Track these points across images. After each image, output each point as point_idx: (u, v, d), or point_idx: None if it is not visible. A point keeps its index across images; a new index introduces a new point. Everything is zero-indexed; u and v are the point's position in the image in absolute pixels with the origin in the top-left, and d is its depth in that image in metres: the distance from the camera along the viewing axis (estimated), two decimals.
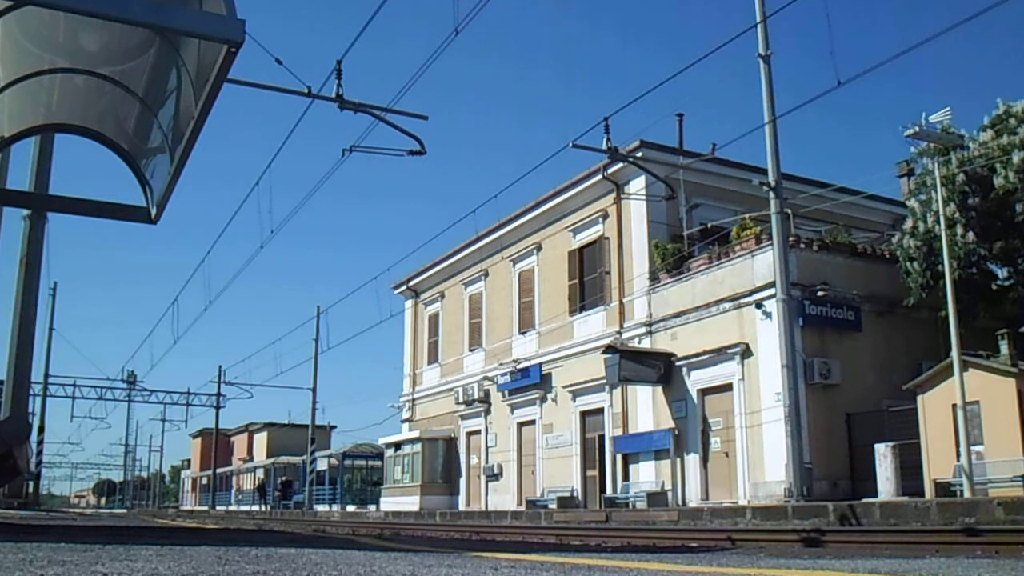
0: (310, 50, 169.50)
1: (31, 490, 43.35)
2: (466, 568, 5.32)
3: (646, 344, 23.18)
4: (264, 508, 47.86)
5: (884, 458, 16.11)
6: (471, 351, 32.27)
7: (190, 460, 78.40)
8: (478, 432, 31.08)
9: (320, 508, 40.78)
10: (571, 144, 18.23)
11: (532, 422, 28.13)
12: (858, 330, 20.20)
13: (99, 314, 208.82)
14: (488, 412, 30.47)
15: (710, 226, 22.67)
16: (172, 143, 9.82)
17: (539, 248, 28.51)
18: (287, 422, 58.79)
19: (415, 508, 30.61)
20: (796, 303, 18.90)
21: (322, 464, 44.43)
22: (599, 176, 24.89)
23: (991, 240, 18.30)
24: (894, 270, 20.04)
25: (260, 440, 63.53)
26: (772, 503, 17.17)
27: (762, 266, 19.73)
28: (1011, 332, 16.22)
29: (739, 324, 20.48)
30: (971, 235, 18.09)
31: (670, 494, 21.58)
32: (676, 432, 21.90)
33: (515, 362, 28.69)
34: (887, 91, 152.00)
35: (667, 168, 22.90)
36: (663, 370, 22.11)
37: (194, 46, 7.85)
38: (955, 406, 15.07)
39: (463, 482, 31.78)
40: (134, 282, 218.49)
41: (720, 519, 15.98)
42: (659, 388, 22.54)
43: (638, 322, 23.65)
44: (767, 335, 19.31)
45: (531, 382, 27.75)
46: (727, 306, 20.85)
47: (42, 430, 41.75)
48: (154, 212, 11.61)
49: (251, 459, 62.46)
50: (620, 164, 23.15)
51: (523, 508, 25.88)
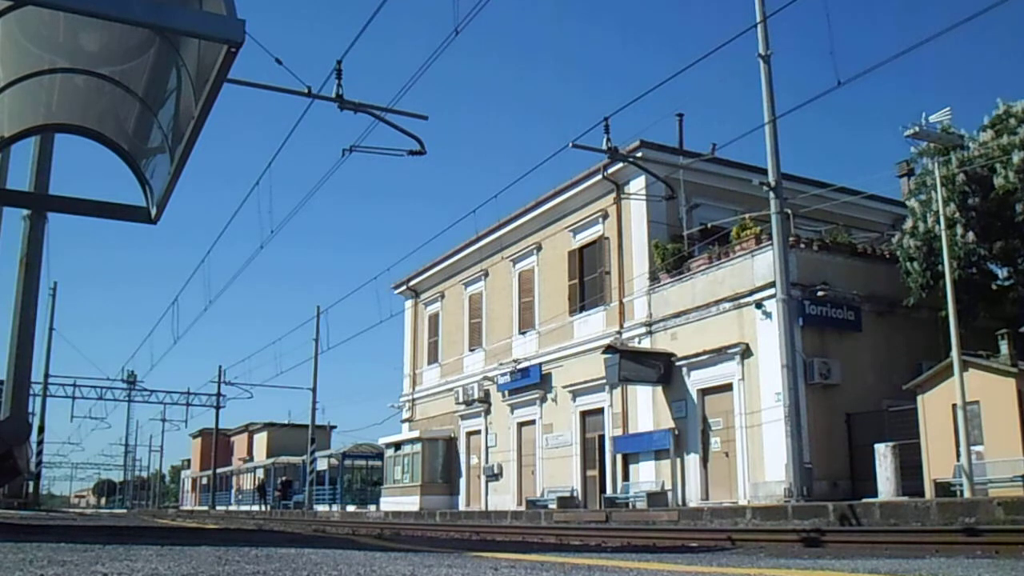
0: (310, 50, 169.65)
1: (31, 490, 43.34)
2: (466, 568, 5.32)
3: (646, 344, 23.19)
4: (264, 508, 47.86)
5: (884, 458, 16.11)
6: (471, 351, 32.27)
7: (190, 460, 78.42)
8: (478, 432, 31.08)
9: (320, 508, 40.78)
10: (571, 144, 18.24)
11: (532, 422, 28.13)
12: (858, 330, 20.21)
13: (99, 314, 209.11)
14: (488, 412, 30.48)
15: (710, 226, 22.67)
16: (172, 143, 9.82)
17: (539, 248, 28.52)
18: (287, 422, 58.84)
19: (415, 508, 30.61)
20: (796, 303, 18.91)
21: (322, 464, 44.43)
22: (599, 176, 24.90)
23: (991, 240, 18.30)
24: (894, 270, 20.04)
25: (260, 440, 63.53)
26: (772, 503, 17.18)
27: (762, 266, 19.73)
28: (1011, 332, 16.22)
29: (739, 324, 20.48)
30: (971, 235, 18.09)
31: (670, 494, 21.58)
32: (676, 432, 21.90)
33: (515, 362, 28.69)
34: (887, 91, 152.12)
35: (667, 168, 22.90)
36: (663, 370, 22.12)
37: (194, 46, 7.86)
38: (955, 406, 15.07)
39: (463, 482, 31.78)
40: (134, 282, 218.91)
41: (720, 519, 15.98)
42: (659, 388, 22.54)
43: (638, 322, 23.66)
44: (767, 335, 19.32)
45: (531, 382, 27.76)
46: (727, 306, 20.86)
47: (42, 430, 41.76)
48: (154, 212, 11.61)
49: (251, 459, 62.46)
50: (620, 164, 23.16)
51: (523, 508, 25.89)
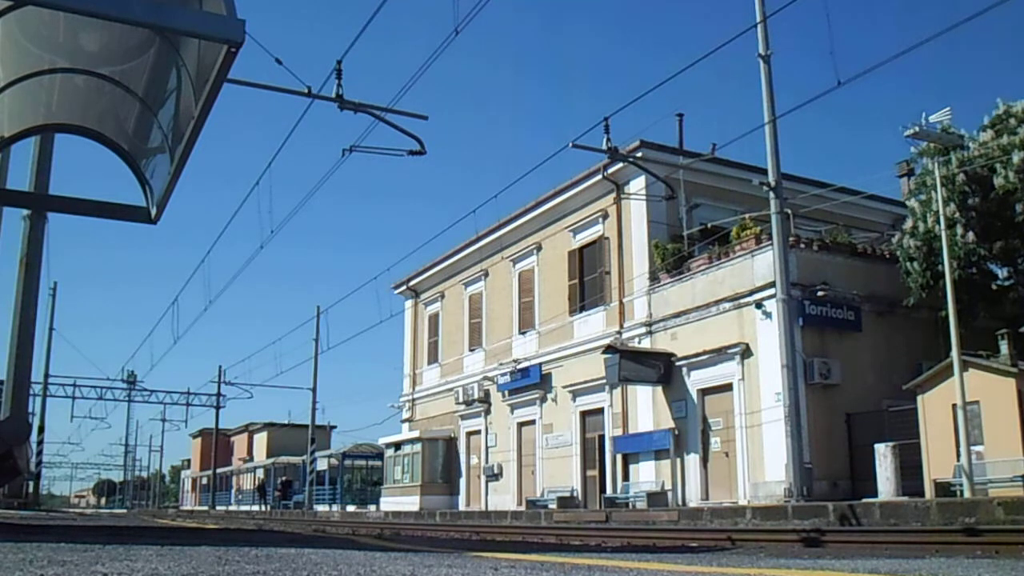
0: (310, 50, 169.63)
1: (31, 490, 43.35)
2: (466, 568, 5.32)
3: (646, 344, 23.18)
4: (264, 508, 47.86)
5: (884, 458, 16.11)
6: (471, 351, 32.27)
7: (190, 460, 78.42)
8: (478, 432, 31.08)
9: (320, 508, 40.78)
10: (571, 144, 18.25)
11: (532, 422, 28.13)
12: (858, 330, 20.20)
13: (99, 314, 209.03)
14: (488, 412, 30.47)
15: (710, 226, 22.67)
16: (172, 143, 9.82)
17: (539, 248, 28.52)
18: (287, 422, 58.84)
19: (415, 508, 30.61)
20: (796, 303, 18.91)
21: (322, 464, 44.43)
22: (599, 176, 24.89)
23: (991, 240, 18.30)
24: (894, 270, 20.04)
25: (260, 440, 63.53)
26: (772, 503, 17.18)
27: (762, 266, 19.73)
28: (1011, 332, 16.22)
29: (739, 324, 20.48)
30: (971, 235, 18.09)
31: (670, 494, 21.58)
32: (676, 432, 21.90)
33: (515, 362, 28.69)
34: (887, 91, 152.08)
35: (667, 168, 22.90)
36: (663, 370, 22.12)
37: (194, 46, 7.86)
38: (955, 406, 15.06)
39: (463, 482, 31.78)
40: (134, 282, 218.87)
41: (720, 519, 15.98)
42: (659, 388, 22.54)
43: (638, 322, 23.66)
44: (767, 335, 19.32)
45: (531, 382, 27.76)
46: (727, 306, 20.86)
47: (42, 430, 41.76)
48: (154, 212, 11.61)
49: (251, 459, 62.45)
50: (620, 164, 23.15)
51: (523, 508, 25.88)
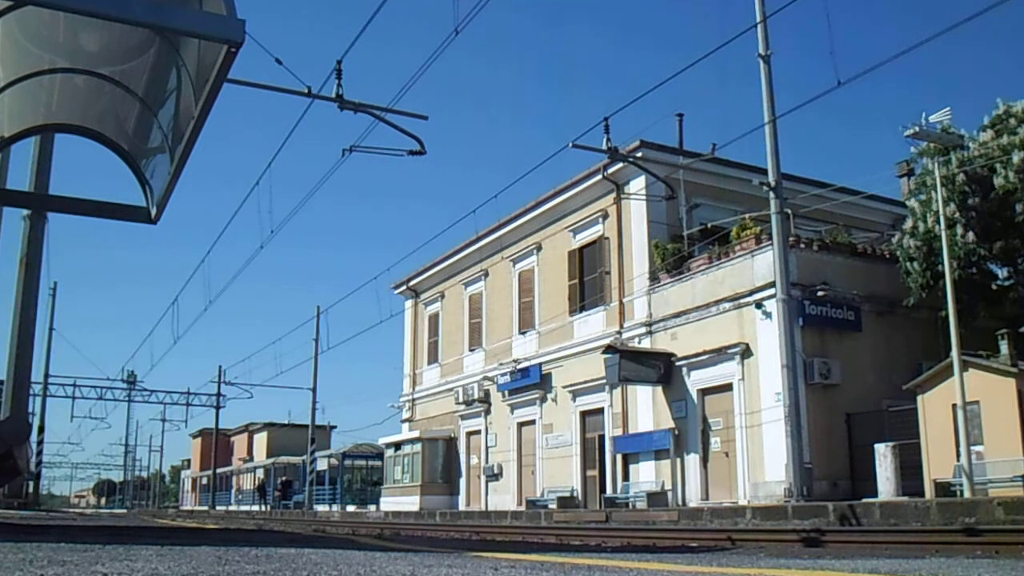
0: (310, 50, 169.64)
1: (31, 490, 43.35)
2: (466, 568, 5.32)
3: (646, 344, 23.18)
4: (264, 508, 47.86)
5: (884, 458, 16.11)
6: (471, 351, 32.27)
7: (190, 460, 78.42)
8: (478, 432, 31.08)
9: (320, 508, 40.78)
10: (571, 144, 18.24)
11: (532, 422, 28.13)
12: (858, 330, 20.20)
13: (99, 314, 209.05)
14: (488, 412, 30.47)
15: (710, 226, 22.67)
16: (172, 143, 9.82)
17: (539, 248, 28.52)
18: (287, 422, 58.83)
19: (415, 508, 30.61)
20: (796, 303, 18.90)
21: (322, 464, 44.43)
22: (599, 176, 24.89)
23: (991, 240, 18.29)
24: (894, 270, 20.04)
25: (260, 440, 63.53)
26: (772, 503, 17.17)
27: (762, 266, 19.73)
28: (1011, 332, 16.21)
29: (739, 324, 20.48)
30: (971, 235, 18.08)
31: (670, 494, 21.58)
32: (676, 432, 21.90)
33: (515, 362, 28.69)
34: (887, 91, 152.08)
35: (667, 168, 22.90)
36: (663, 370, 22.12)
37: (194, 46, 7.86)
38: (955, 406, 15.06)
39: (463, 482, 31.78)
40: (134, 282, 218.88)
41: (720, 519, 15.97)
42: (659, 388, 22.54)
43: (638, 322, 23.66)
44: (767, 335, 19.32)
45: (531, 382, 27.76)
46: (727, 306, 20.85)
47: (42, 430, 41.76)
48: (154, 212, 11.61)
49: (251, 459, 62.45)
50: (620, 164, 23.15)
51: (523, 508, 25.88)
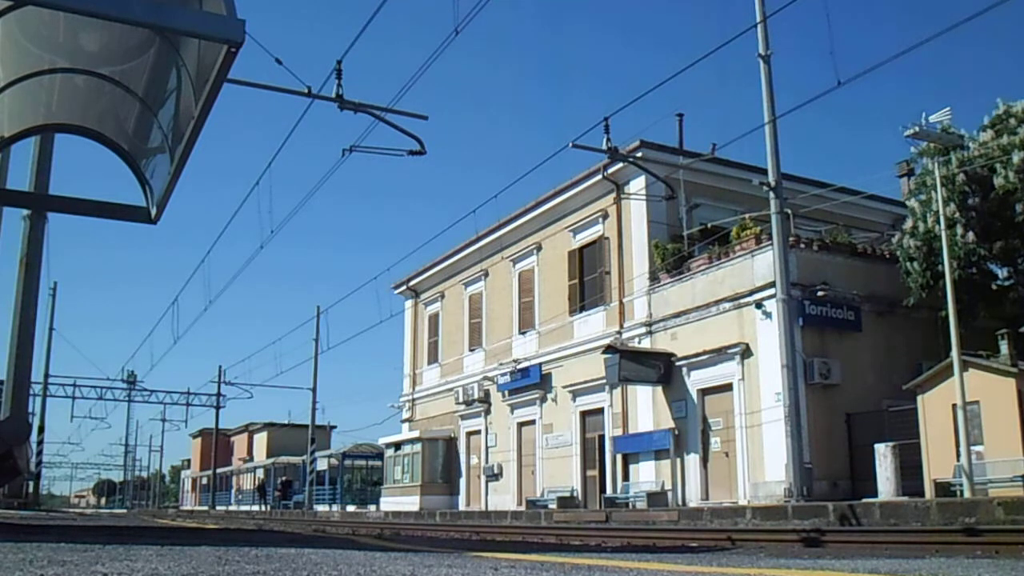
0: (310, 50, 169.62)
1: (31, 490, 43.35)
2: (466, 568, 5.32)
3: (646, 344, 23.18)
4: (264, 508, 47.86)
5: (884, 458, 16.11)
6: (471, 351, 32.27)
7: (190, 460, 78.42)
8: (478, 432, 31.08)
9: (320, 508, 40.78)
10: (571, 144, 18.24)
11: (532, 422, 28.13)
12: (858, 330, 20.20)
13: (99, 314, 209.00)
14: (488, 412, 30.47)
15: (710, 226, 22.66)
16: (172, 143, 9.83)
17: (539, 248, 28.52)
18: (287, 422, 58.84)
19: (415, 508, 30.61)
20: (796, 303, 18.90)
21: (322, 464, 44.43)
22: (599, 176, 24.89)
23: (991, 240, 18.29)
24: (894, 270, 20.04)
25: (260, 440, 63.53)
26: (772, 503, 17.17)
27: (762, 266, 19.73)
28: (1011, 332, 16.21)
29: (739, 324, 20.48)
30: (971, 235, 18.08)
31: (670, 494, 21.58)
32: (676, 432, 21.90)
33: (515, 362, 28.69)
34: (887, 91, 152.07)
35: (667, 168, 22.90)
36: (663, 370, 22.12)
37: (194, 46, 7.86)
38: (955, 406, 15.06)
39: (463, 482, 31.78)
40: (134, 282, 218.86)
41: (720, 519, 15.97)
42: (659, 388, 22.54)
43: (638, 322, 23.65)
44: (767, 335, 19.32)
45: (531, 382, 27.76)
46: (727, 306, 20.85)
47: (42, 430, 41.77)
48: (154, 212, 11.62)
49: (251, 459, 62.45)
50: (620, 164, 23.15)
51: (523, 508, 25.88)
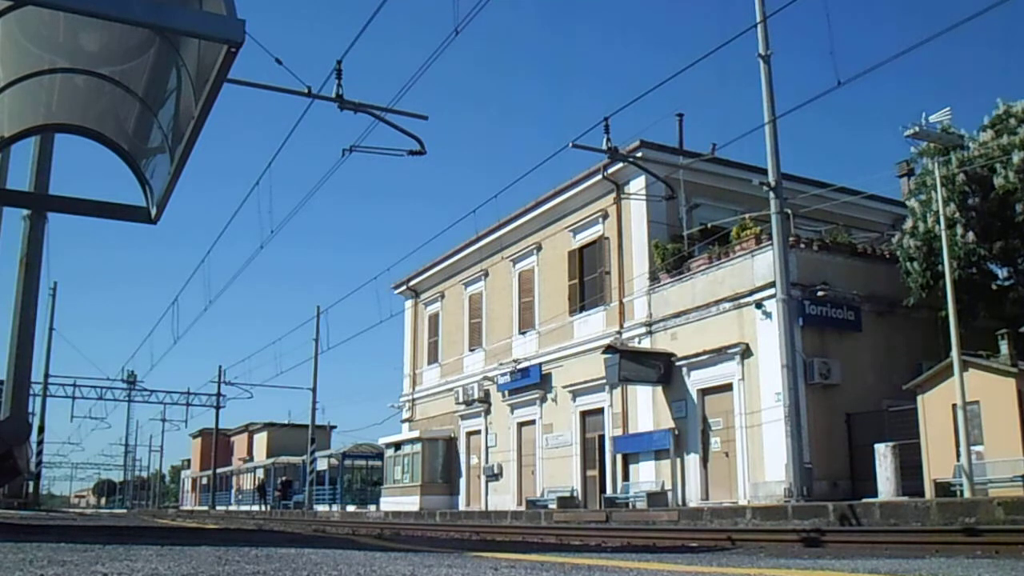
0: (310, 50, 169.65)
1: (31, 490, 43.35)
2: (466, 568, 5.32)
3: (646, 344, 23.18)
4: (264, 508, 47.86)
5: (884, 458, 16.11)
6: (471, 351, 32.27)
7: (190, 460, 78.42)
8: (478, 432, 31.08)
9: (320, 508, 40.78)
10: (571, 144, 18.23)
11: (532, 422, 28.13)
12: (858, 330, 20.20)
13: (99, 314, 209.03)
14: (488, 412, 30.47)
15: (710, 226, 22.66)
16: (172, 143, 9.83)
17: (539, 248, 28.51)
18: (287, 422, 58.83)
19: (415, 508, 30.61)
20: (796, 303, 18.90)
21: (322, 464, 44.43)
22: (599, 176, 24.89)
23: (991, 240, 18.29)
24: (894, 270, 20.04)
25: (260, 440, 63.53)
26: (772, 503, 17.17)
27: (762, 266, 19.73)
28: (1011, 332, 16.22)
29: (739, 324, 20.48)
30: (971, 235, 18.08)
31: (670, 494, 21.58)
32: (676, 432, 21.90)
33: (515, 362, 28.69)
34: (887, 91, 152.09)
35: (667, 168, 22.90)
36: (663, 370, 22.12)
37: (194, 46, 7.86)
38: (955, 406, 15.06)
39: (463, 482, 31.78)
40: (134, 282, 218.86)
41: (720, 519, 15.97)
42: (659, 388, 22.54)
43: (638, 322, 23.65)
44: (767, 335, 19.32)
45: (531, 382, 27.76)
46: (727, 306, 20.85)
47: (42, 430, 41.76)
48: (154, 212, 11.62)
49: (251, 459, 62.45)
50: (620, 164, 23.15)
51: (523, 508, 25.88)
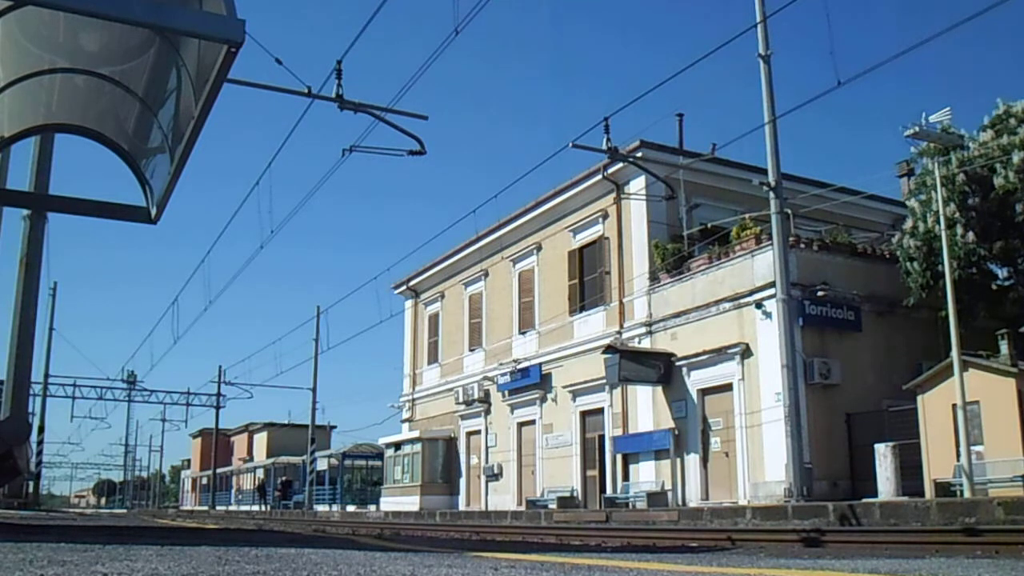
0: (310, 50, 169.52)
1: (31, 490, 43.35)
2: (466, 568, 5.32)
3: (646, 344, 23.18)
4: (264, 508, 47.86)
5: (884, 458, 16.11)
6: (471, 351, 32.27)
7: (190, 460, 78.42)
8: (478, 432, 31.08)
9: (320, 508, 40.78)
10: (571, 144, 18.25)
11: (532, 422, 28.13)
12: (858, 330, 20.20)
13: (99, 314, 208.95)
14: (488, 412, 30.47)
15: (710, 226, 22.66)
16: (172, 143, 9.83)
17: (539, 248, 28.51)
18: (287, 422, 58.83)
19: (415, 508, 30.61)
20: (796, 303, 18.90)
21: (322, 464, 44.43)
22: (599, 176, 24.89)
23: (991, 240, 18.29)
24: (894, 270, 20.04)
25: (260, 440, 63.53)
26: (772, 503, 17.17)
27: (762, 266, 19.73)
28: (1011, 332, 16.22)
29: (739, 324, 20.48)
30: (971, 235, 18.08)
31: (670, 494, 21.58)
32: (676, 432, 21.90)
33: (515, 362, 28.69)
34: (887, 91, 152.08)
35: (667, 168, 22.90)
36: (663, 370, 22.11)
37: (194, 46, 7.86)
38: (955, 406, 15.07)
39: (463, 482, 31.78)
40: (134, 282, 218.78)
41: (720, 519, 15.97)
42: (659, 388, 22.54)
43: (638, 322, 23.65)
44: (767, 335, 19.31)
45: (531, 382, 27.76)
46: (727, 306, 20.85)
47: (42, 430, 41.77)
48: (154, 212, 11.62)
49: (251, 459, 62.46)
50: (620, 164, 23.15)
51: (523, 508, 25.88)
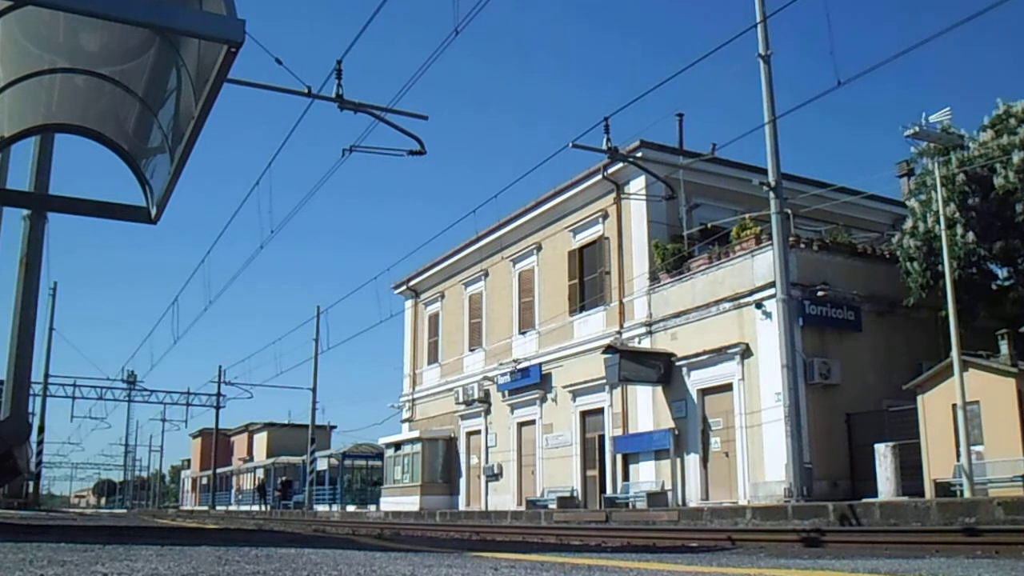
0: (310, 50, 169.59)
1: (31, 490, 43.35)
2: (466, 568, 5.32)
3: (646, 344, 23.18)
4: (264, 508, 47.87)
5: (884, 458, 16.11)
6: (471, 351, 32.27)
7: (190, 460, 78.43)
8: (478, 432, 31.08)
9: (320, 508, 40.78)
10: (571, 144, 18.24)
11: (532, 422, 28.13)
12: (858, 330, 20.20)
13: (99, 314, 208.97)
14: (488, 412, 30.47)
15: (710, 226, 22.66)
16: (172, 143, 9.82)
17: (539, 248, 28.52)
18: (287, 422, 58.84)
19: (415, 508, 30.62)
20: (796, 303, 18.90)
21: (322, 464, 44.44)
22: (599, 176, 24.89)
23: (991, 240, 18.29)
24: (894, 270, 20.04)
25: (260, 440, 63.53)
26: (772, 503, 17.18)
27: (762, 266, 19.73)
28: (1011, 332, 16.22)
29: (739, 324, 20.48)
30: (971, 235, 18.08)
31: (670, 494, 21.58)
32: (676, 432, 21.90)
33: (515, 362, 28.69)
34: (887, 91, 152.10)
35: (667, 168, 22.90)
36: (663, 370, 22.12)
37: (194, 46, 7.86)
38: (955, 406, 15.07)
39: (463, 482, 31.78)
40: (134, 282, 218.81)
41: (720, 519, 15.97)
42: (659, 388, 22.54)
43: (638, 322, 23.65)
44: (767, 335, 19.32)
45: (531, 382, 27.76)
46: (727, 306, 20.85)
47: (42, 430, 41.76)
48: (154, 212, 11.62)
49: (251, 459, 62.46)
50: (620, 164, 23.15)
51: (523, 508, 25.88)
